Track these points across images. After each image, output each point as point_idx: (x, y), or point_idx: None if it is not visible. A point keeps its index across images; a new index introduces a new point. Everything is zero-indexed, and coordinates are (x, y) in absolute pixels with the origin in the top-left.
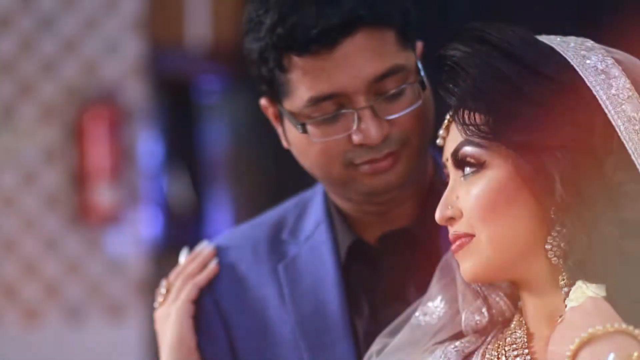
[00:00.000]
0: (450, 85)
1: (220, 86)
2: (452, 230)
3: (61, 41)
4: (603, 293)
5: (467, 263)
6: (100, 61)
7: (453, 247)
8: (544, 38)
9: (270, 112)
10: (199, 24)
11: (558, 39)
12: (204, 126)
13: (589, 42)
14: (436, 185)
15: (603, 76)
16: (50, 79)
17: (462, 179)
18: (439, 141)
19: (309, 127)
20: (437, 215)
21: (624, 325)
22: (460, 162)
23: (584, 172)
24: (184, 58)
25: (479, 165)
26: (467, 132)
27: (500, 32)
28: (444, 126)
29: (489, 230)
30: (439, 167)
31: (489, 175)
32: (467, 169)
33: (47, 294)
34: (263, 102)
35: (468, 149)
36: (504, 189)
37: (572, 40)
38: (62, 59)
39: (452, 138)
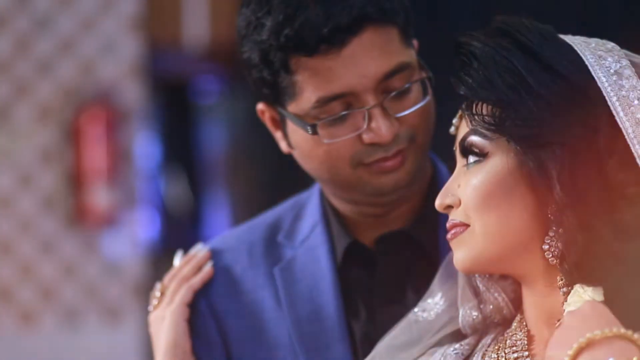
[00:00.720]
0: (463, 74)
1: (218, 87)
2: (450, 218)
3: (57, 41)
4: (600, 297)
5: (459, 252)
6: (97, 61)
7: (448, 235)
8: (567, 37)
9: (267, 116)
10: (197, 24)
11: (581, 39)
12: (201, 127)
13: (610, 44)
14: (434, 188)
15: (615, 77)
16: (47, 79)
17: (465, 167)
18: (451, 129)
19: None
20: (437, 202)
21: (622, 330)
22: (466, 150)
23: (583, 172)
24: (181, 58)
25: (482, 156)
26: (473, 121)
27: (521, 26)
28: (457, 115)
29: (483, 221)
30: (438, 170)
31: (489, 167)
32: (471, 158)
33: (43, 296)
34: (260, 106)
35: (473, 138)
36: (502, 182)
37: (593, 41)
38: (59, 59)
39: (463, 127)
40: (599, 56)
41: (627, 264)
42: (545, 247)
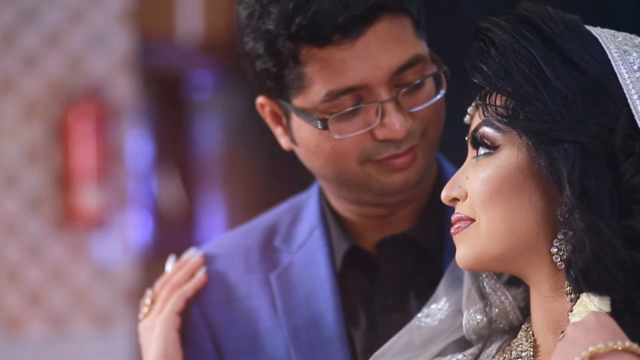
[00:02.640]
0: (479, 62)
1: (213, 82)
2: (456, 211)
3: (44, 34)
4: (607, 308)
5: (462, 248)
6: (86, 55)
7: (452, 229)
8: (594, 29)
9: (268, 111)
10: (191, 15)
11: (609, 32)
12: (196, 124)
13: (638, 39)
14: (439, 188)
15: (639, 74)
16: (33, 74)
17: (475, 159)
18: (466, 119)
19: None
20: (443, 194)
21: (627, 343)
22: (476, 141)
23: (595, 173)
24: (174, 52)
25: (493, 148)
26: (486, 112)
27: (544, 15)
28: (473, 104)
29: (489, 216)
30: (443, 169)
31: (499, 161)
32: (481, 150)
33: (30, 302)
34: (261, 100)
35: (485, 130)
36: (511, 178)
37: (621, 35)
38: (46, 53)
39: (477, 117)
40: (623, 51)
41: (635, 272)
42: (554, 250)
